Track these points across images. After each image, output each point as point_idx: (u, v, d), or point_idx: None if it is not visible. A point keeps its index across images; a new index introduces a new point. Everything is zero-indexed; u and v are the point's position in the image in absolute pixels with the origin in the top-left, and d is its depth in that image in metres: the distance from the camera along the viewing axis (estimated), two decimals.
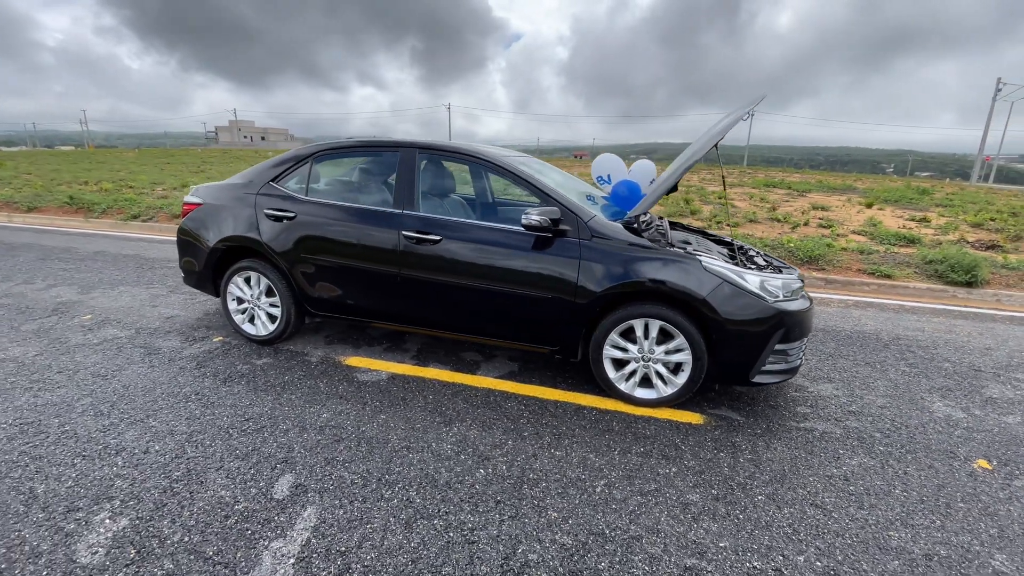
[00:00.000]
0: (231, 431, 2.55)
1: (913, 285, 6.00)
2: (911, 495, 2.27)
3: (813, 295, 3.65)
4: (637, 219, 3.00)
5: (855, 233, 8.72)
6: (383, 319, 3.37)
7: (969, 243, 8.17)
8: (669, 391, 2.87)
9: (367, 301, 3.33)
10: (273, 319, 3.58)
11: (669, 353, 2.84)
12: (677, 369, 2.87)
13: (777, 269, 3.13)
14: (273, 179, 3.53)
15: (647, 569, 1.81)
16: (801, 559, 1.89)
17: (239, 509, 2.02)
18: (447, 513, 2.04)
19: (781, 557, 1.89)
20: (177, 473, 2.22)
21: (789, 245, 7.01)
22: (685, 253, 2.81)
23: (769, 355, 2.74)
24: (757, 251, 3.53)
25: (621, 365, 2.97)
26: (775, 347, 2.74)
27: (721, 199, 12.54)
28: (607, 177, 4.24)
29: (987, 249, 7.81)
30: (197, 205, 3.71)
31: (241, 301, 3.64)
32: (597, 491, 2.21)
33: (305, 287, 3.42)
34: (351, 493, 2.13)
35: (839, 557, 1.90)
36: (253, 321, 3.64)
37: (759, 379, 2.80)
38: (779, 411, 2.97)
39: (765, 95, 3.20)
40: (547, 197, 3.01)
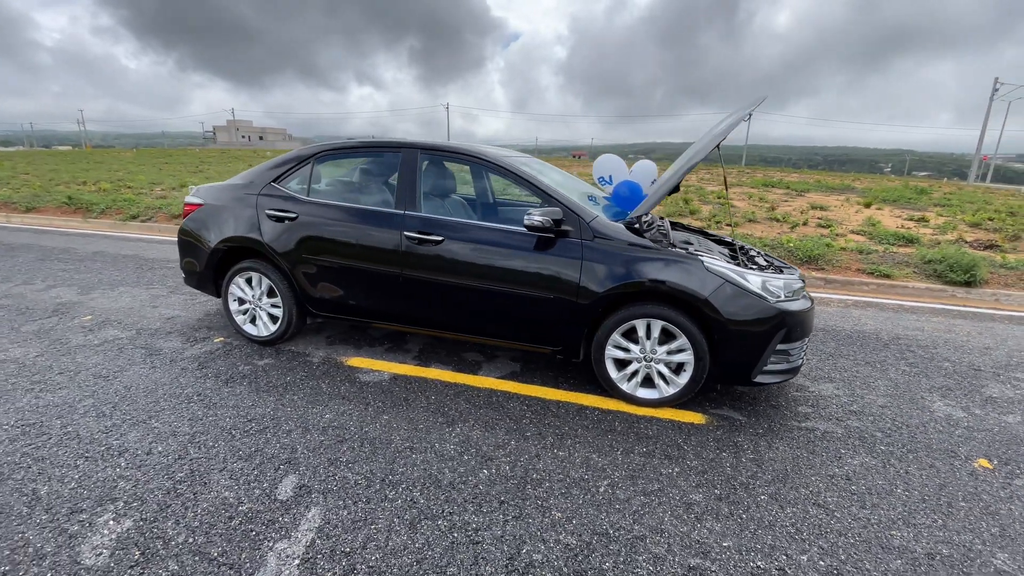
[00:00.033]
0: (234, 432, 2.55)
1: (912, 285, 6.02)
2: (913, 494, 2.28)
3: (813, 295, 3.66)
4: (639, 219, 3.00)
5: (854, 233, 8.75)
6: (385, 320, 3.37)
7: (967, 243, 8.19)
8: (671, 391, 2.88)
9: (369, 302, 3.33)
10: (275, 320, 3.58)
11: (671, 353, 2.84)
12: (679, 369, 2.88)
13: (778, 269, 3.13)
14: (274, 180, 3.53)
15: (651, 569, 1.82)
16: (804, 558, 1.89)
17: (243, 510, 2.02)
18: (451, 513, 2.05)
19: (785, 557, 1.90)
20: (180, 474, 2.22)
21: (788, 245, 7.03)
22: (687, 253, 2.81)
23: (771, 355, 2.75)
24: (758, 251, 3.53)
25: (623, 365, 2.97)
26: (777, 347, 2.74)
27: (720, 199, 12.56)
28: (609, 178, 4.24)
29: (985, 249, 7.84)
30: (198, 206, 3.70)
31: (242, 302, 3.63)
32: (600, 491, 2.22)
33: (307, 288, 3.42)
34: (355, 494, 2.13)
35: (842, 556, 1.91)
36: (254, 322, 3.64)
37: (761, 379, 2.80)
38: (780, 411, 2.98)
39: (767, 96, 3.21)
40: (549, 198, 3.01)
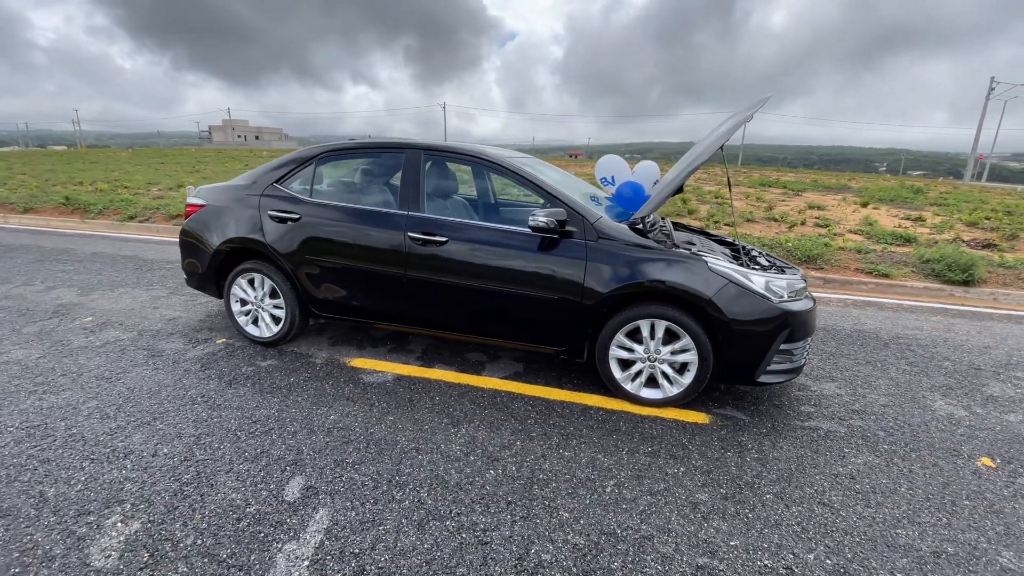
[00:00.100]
0: (239, 433, 2.55)
1: (911, 284, 6.05)
2: (917, 493, 2.30)
3: (812, 294, 3.68)
4: (642, 220, 3.01)
5: (851, 232, 8.78)
6: (388, 320, 3.37)
7: (965, 242, 8.24)
8: (675, 391, 2.89)
9: (372, 302, 3.33)
10: (277, 321, 3.57)
11: (675, 353, 2.85)
12: (683, 369, 2.89)
13: (780, 269, 3.15)
14: (276, 180, 3.52)
15: (660, 568, 1.83)
16: (811, 557, 1.91)
17: (251, 512, 2.02)
18: (459, 514, 2.05)
19: (791, 555, 1.91)
20: (187, 476, 2.21)
21: (787, 244, 7.05)
22: (691, 254, 2.82)
23: (774, 355, 2.77)
24: (760, 251, 3.55)
25: (627, 365, 2.98)
26: (780, 347, 2.76)
27: (718, 199, 12.59)
28: (611, 178, 4.25)
29: (983, 248, 7.88)
30: (200, 207, 3.69)
31: (245, 303, 3.63)
32: (607, 491, 2.22)
33: (309, 288, 3.42)
34: (362, 495, 2.14)
35: (848, 555, 1.92)
36: (257, 323, 3.63)
37: (764, 379, 2.82)
38: (784, 410, 2.99)
39: (770, 96, 3.22)
40: (553, 199, 3.02)
